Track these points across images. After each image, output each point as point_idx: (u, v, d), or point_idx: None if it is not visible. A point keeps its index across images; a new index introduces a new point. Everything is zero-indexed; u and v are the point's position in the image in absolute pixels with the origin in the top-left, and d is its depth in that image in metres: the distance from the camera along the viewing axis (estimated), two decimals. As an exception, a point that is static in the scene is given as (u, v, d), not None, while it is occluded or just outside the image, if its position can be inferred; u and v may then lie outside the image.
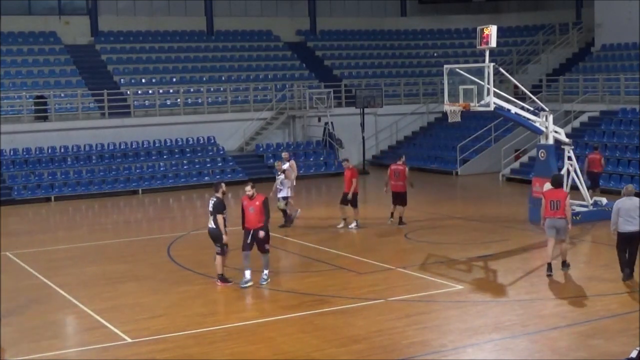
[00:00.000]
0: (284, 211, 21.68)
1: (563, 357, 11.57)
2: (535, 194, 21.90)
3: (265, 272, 15.77)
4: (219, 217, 15.67)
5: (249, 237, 15.62)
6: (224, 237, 15.74)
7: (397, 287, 15.44)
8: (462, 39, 42.71)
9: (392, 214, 21.94)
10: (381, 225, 22.29)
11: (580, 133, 30.61)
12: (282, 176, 21.56)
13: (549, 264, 16.00)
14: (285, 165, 21.93)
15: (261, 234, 15.53)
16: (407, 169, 21.80)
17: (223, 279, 15.89)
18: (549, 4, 43.38)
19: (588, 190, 22.59)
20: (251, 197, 15.70)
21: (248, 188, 15.73)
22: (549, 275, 15.89)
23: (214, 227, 15.78)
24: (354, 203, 21.41)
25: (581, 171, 22.47)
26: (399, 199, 21.69)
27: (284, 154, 23.00)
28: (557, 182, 16.56)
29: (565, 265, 16.38)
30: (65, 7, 38.08)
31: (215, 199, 15.81)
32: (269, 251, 15.86)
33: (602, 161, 24.31)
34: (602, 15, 37.08)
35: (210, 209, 15.85)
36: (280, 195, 21.63)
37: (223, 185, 16.25)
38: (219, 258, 15.89)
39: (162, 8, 39.72)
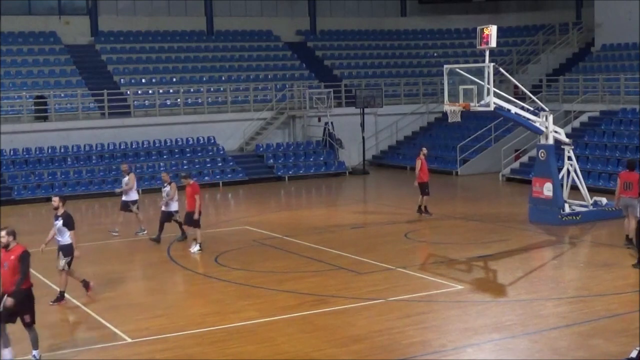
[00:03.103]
0: (179, 223, 20.35)
1: (563, 357, 11.56)
2: (535, 194, 21.92)
3: (35, 353, 11.75)
4: (72, 233, 14.66)
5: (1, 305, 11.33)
6: (76, 252, 14.68)
7: (397, 287, 15.44)
8: (462, 39, 42.71)
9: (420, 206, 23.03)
10: (381, 225, 22.31)
11: (580, 133, 30.61)
12: (167, 188, 20.46)
13: (627, 236, 17.92)
14: (126, 179, 21.54)
15: (9, 302, 11.28)
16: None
17: (62, 296, 14.88)
18: (549, 4, 43.36)
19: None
20: (7, 248, 11.63)
21: (3, 234, 11.61)
22: (628, 247, 17.57)
23: (67, 241, 14.66)
24: (197, 223, 19.06)
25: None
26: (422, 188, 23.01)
27: (124, 166, 22.34)
28: (632, 165, 18.37)
29: (628, 240, 17.88)
30: (65, 7, 38.08)
31: (64, 213, 14.66)
32: (33, 324, 11.70)
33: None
34: (602, 15, 37.07)
35: (60, 224, 14.73)
36: (171, 209, 20.44)
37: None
38: (64, 274, 14.86)
39: (162, 8, 39.72)
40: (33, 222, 25.23)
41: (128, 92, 34.35)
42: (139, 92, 34.82)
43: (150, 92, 34.81)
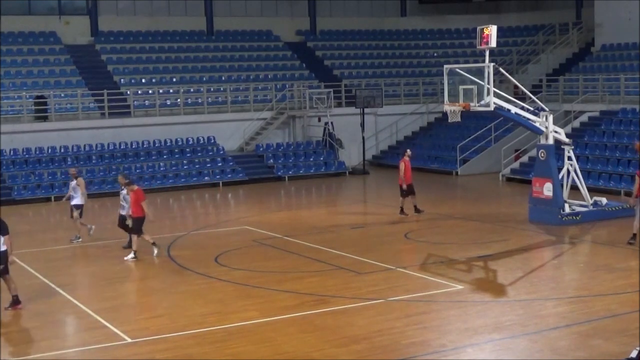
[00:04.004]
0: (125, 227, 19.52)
1: (563, 357, 11.56)
2: (535, 194, 21.92)
3: None
4: (6, 238, 14.38)
5: None
6: (10, 258, 14.43)
7: (397, 287, 15.44)
8: (462, 39, 42.71)
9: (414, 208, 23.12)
10: (381, 225, 22.31)
11: (580, 133, 30.61)
12: (74, 182, 20.20)
13: (634, 235, 18.07)
14: (73, 183, 20.58)
15: None
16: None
17: (17, 300, 14.58)
18: (549, 4, 43.36)
19: None
20: None
21: None
22: (631, 244, 17.94)
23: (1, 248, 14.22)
24: (138, 230, 18.66)
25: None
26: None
27: (72, 170, 21.40)
28: None
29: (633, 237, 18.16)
30: (65, 7, 38.08)
31: None
32: None
33: None
34: (602, 15, 37.08)
35: None
36: (76, 202, 20.21)
37: None
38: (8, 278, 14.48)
39: (162, 8, 39.72)
40: (33, 222, 25.23)
41: (128, 92, 34.35)
42: (139, 92, 34.82)
43: (150, 92, 34.81)
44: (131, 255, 18.44)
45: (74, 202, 20.58)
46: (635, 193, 18.27)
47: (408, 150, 24.00)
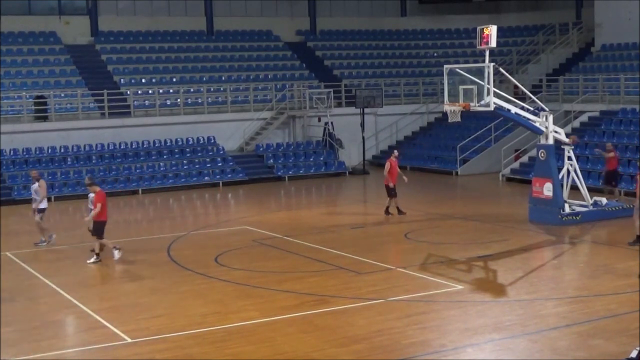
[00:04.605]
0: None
1: (563, 357, 11.56)
2: (535, 194, 21.92)
3: None
4: None
5: None
6: None
7: (397, 287, 15.44)
8: (462, 39, 42.71)
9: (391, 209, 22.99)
10: (381, 225, 22.31)
11: (580, 133, 30.54)
12: (36, 185, 20.11)
13: (639, 236, 18.05)
14: (35, 186, 20.32)
15: None
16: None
17: None
18: (549, 4, 43.36)
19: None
20: None
21: None
22: (632, 244, 18.04)
23: None
24: (100, 233, 18.45)
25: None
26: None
27: (33, 173, 21.08)
28: None
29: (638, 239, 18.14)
30: (65, 7, 38.08)
31: None
32: None
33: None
34: (602, 15, 37.08)
35: None
36: (38, 206, 20.05)
37: None
38: None
39: (162, 8, 39.73)
40: (33, 222, 25.19)
41: (128, 92, 34.35)
42: (139, 92, 34.81)
43: (150, 92, 34.81)
44: (93, 258, 18.14)
45: (35, 205, 20.25)
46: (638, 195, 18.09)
47: (395, 151, 24.13)
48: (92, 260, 18.20)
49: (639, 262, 16.10)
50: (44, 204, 20.35)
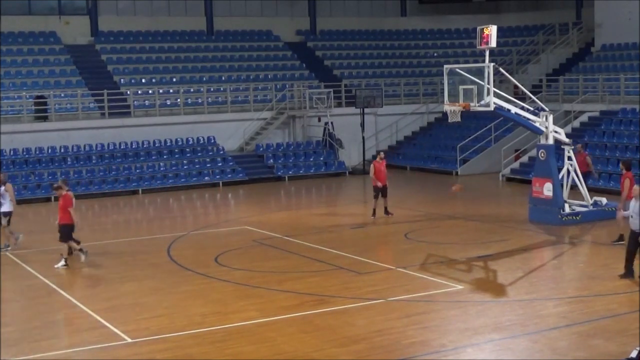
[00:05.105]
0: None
1: (563, 357, 11.56)
2: (535, 194, 21.92)
3: None
4: None
5: None
6: None
7: (397, 287, 15.44)
8: (462, 39, 42.72)
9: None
10: (381, 225, 22.31)
11: (580, 133, 30.60)
12: (2, 188, 19.74)
13: (621, 235, 17.95)
14: (2, 189, 19.86)
15: None
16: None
17: None
18: (549, 4, 43.36)
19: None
20: None
21: None
22: (616, 242, 18.14)
23: None
24: (67, 237, 18.04)
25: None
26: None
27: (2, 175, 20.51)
28: None
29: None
30: (65, 7, 38.08)
31: None
32: None
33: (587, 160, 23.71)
34: (602, 15, 37.08)
35: None
36: (2, 209, 19.74)
37: None
38: None
39: (162, 8, 39.73)
40: (33, 222, 25.23)
41: (128, 92, 34.35)
42: (139, 92, 34.81)
43: (150, 92, 34.81)
44: (62, 262, 17.79)
45: (2, 209, 19.92)
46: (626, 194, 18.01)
47: (381, 153, 23.99)
48: (60, 264, 17.76)
49: (639, 262, 16.11)
50: (9, 207, 20.00)
